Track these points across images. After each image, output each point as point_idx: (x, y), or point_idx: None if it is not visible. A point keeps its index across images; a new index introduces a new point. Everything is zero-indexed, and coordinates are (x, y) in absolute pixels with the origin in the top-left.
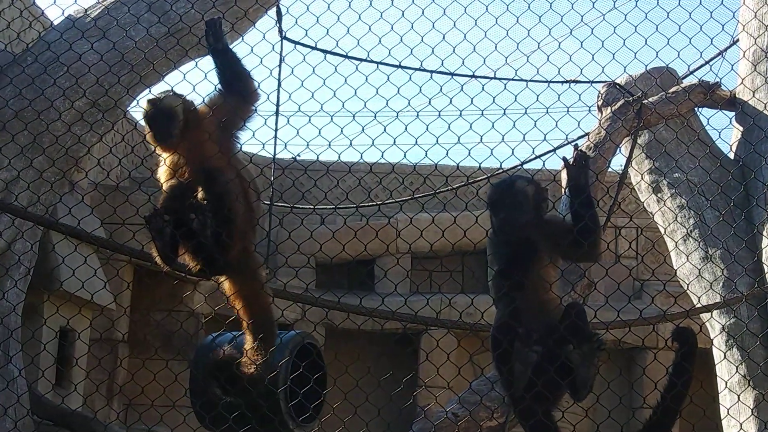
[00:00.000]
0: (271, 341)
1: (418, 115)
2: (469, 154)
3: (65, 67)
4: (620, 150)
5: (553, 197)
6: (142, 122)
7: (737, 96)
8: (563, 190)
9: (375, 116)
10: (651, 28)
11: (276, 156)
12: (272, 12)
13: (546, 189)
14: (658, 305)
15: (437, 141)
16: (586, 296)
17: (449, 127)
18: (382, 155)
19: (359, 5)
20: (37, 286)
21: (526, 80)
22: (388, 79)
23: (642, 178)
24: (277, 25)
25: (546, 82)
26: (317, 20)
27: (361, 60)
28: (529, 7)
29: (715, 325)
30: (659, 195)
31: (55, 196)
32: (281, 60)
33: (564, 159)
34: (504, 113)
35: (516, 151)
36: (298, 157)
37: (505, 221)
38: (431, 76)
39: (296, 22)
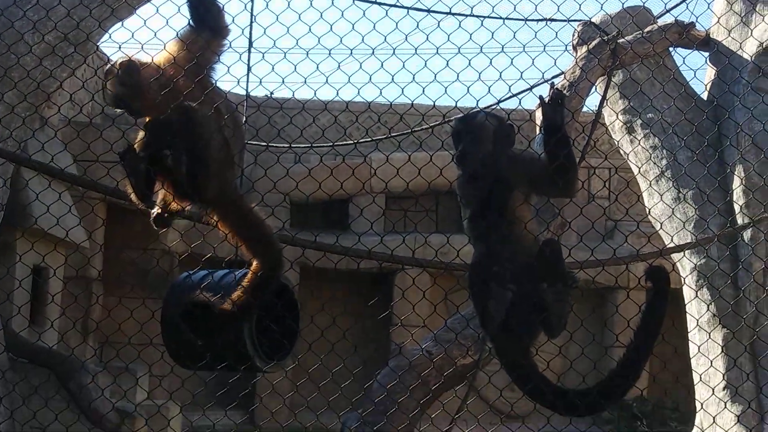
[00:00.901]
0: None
1: (394, 52)
2: (446, 92)
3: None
4: (595, 89)
5: (528, 136)
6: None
7: (712, 36)
8: (538, 128)
9: (351, 53)
10: None
11: (250, 93)
12: None
13: (511, 125)
14: (631, 245)
15: (413, 79)
16: (559, 235)
17: (426, 64)
18: (358, 92)
19: None
20: (10, 223)
21: (503, 18)
22: (364, 14)
23: (616, 118)
24: None
25: (523, 20)
26: None
27: None
28: None
29: (686, 264)
30: (633, 135)
31: (26, 132)
32: None
33: (540, 97)
34: (481, 50)
35: (492, 90)
36: (272, 95)
37: (463, 153)
38: (408, 13)
39: None
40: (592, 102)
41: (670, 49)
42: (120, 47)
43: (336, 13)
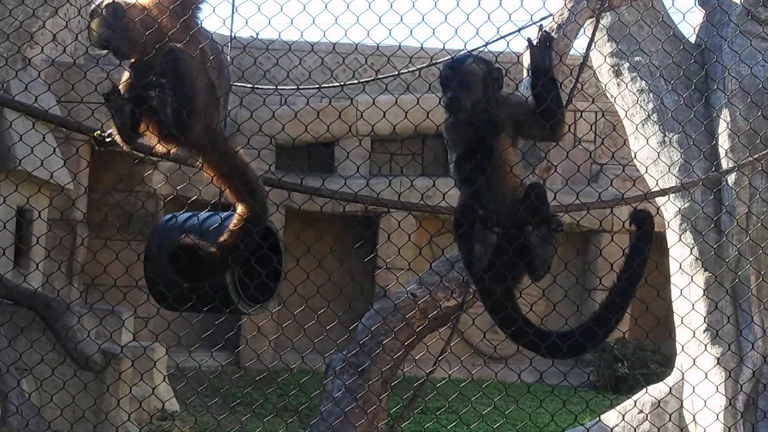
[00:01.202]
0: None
1: None
2: (433, 33)
3: None
4: (583, 31)
5: (515, 79)
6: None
7: None
8: (525, 71)
9: None
10: None
11: (235, 34)
12: None
13: (499, 69)
14: (616, 188)
15: (401, 20)
16: (545, 179)
17: (413, 5)
18: (345, 34)
19: None
20: None
21: None
22: None
23: (604, 61)
24: None
25: None
26: None
27: None
28: None
29: (670, 208)
30: (620, 78)
31: (9, 72)
32: None
33: (528, 39)
34: (479, 4)
35: (480, 32)
36: (258, 36)
37: (452, 99)
38: None
39: None
40: (580, 45)
41: None
42: None
43: None
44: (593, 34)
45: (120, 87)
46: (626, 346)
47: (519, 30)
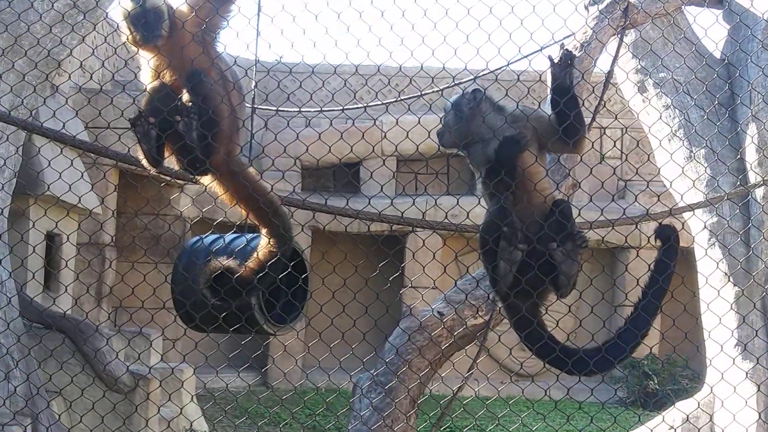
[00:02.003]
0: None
1: (404, 14)
2: (455, 53)
3: None
4: (606, 49)
5: (539, 98)
6: (123, 22)
7: None
8: (549, 89)
9: (360, 15)
10: None
11: (259, 58)
12: None
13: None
14: (642, 204)
15: (423, 41)
16: (570, 196)
17: (435, 26)
18: (368, 55)
19: None
20: (23, 190)
21: None
22: None
23: (627, 78)
24: None
25: None
26: None
27: None
28: None
29: (697, 223)
30: (645, 94)
31: (37, 100)
32: None
33: (549, 58)
34: (490, 11)
35: (502, 51)
36: (281, 60)
37: (440, 133)
38: None
39: None
40: (603, 62)
41: (682, 7)
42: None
43: None
44: (617, 52)
45: (144, 109)
46: (655, 361)
47: (541, 49)
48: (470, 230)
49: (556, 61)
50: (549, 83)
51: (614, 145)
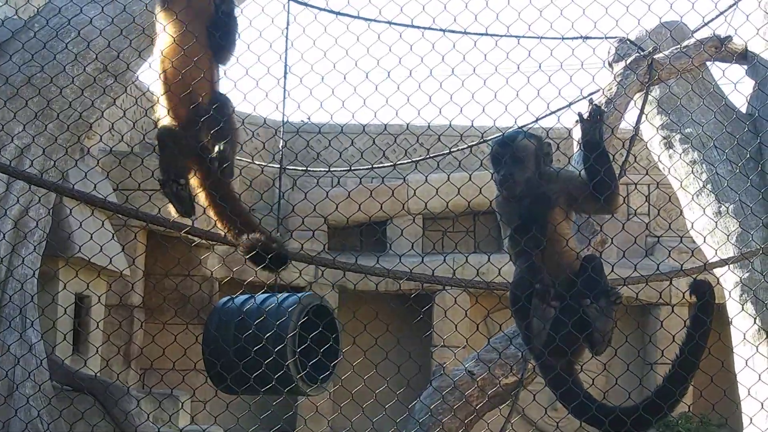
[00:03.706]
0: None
1: (431, 73)
2: (483, 111)
3: (76, 31)
4: (633, 104)
5: (566, 153)
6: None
7: (750, 49)
8: (576, 145)
9: (388, 75)
10: None
11: (288, 119)
12: None
13: (549, 143)
14: (675, 260)
15: (451, 98)
16: (601, 252)
17: (462, 84)
18: (396, 114)
19: None
20: (53, 252)
21: (539, 36)
22: (401, 37)
23: (656, 133)
24: None
25: (560, 39)
26: None
27: (371, 20)
28: None
29: (730, 278)
30: (672, 149)
31: (68, 162)
32: (288, 19)
33: (578, 114)
34: (518, 69)
35: (530, 108)
36: (309, 120)
37: (505, 177)
38: (444, 34)
39: None
40: (630, 117)
41: (708, 62)
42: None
43: (372, 37)
44: (643, 107)
45: (161, 160)
46: (690, 420)
47: (570, 104)
48: (501, 288)
49: (585, 116)
50: (578, 139)
51: (645, 201)
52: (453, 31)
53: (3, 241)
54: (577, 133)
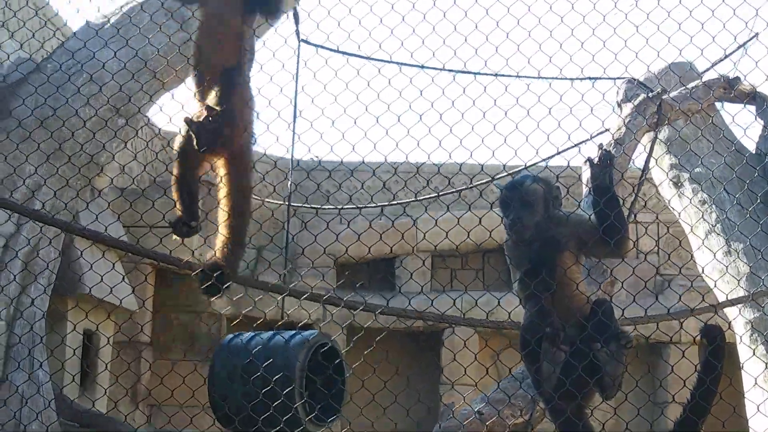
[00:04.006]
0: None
1: (441, 117)
2: (493, 155)
3: (88, 75)
4: (644, 148)
5: (573, 193)
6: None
7: (759, 90)
8: (585, 187)
9: (399, 119)
10: (671, 24)
11: (299, 159)
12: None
13: (558, 187)
14: (685, 303)
15: (461, 143)
16: (612, 295)
17: (473, 128)
18: (407, 157)
19: (380, 8)
20: (62, 292)
21: (548, 78)
22: (411, 82)
23: (666, 177)
24: (295, 28)
25: (569, 79)
26: (338, 24)
27: (383, 62)
28: (551, 8)
29: (741, 321)
30: (681, 190)
31: (80, 203)
32: (298, 63)
33: (588, 159)
34: (527, 114)
35: (539, 150)
36: (321, 160)
37: (515, 221)
38: (454, 77)
39: (317, 26)
40: (639, 158)
41: (716, 103)
42: (171, 119)
43: (383, 81)
44: (651, 149)
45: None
46: None
47: (577, 145)
48: (510, 328)
49: (594, 161)
50: (587, 183)
51: (656, 245)
52: (463, 72)
53: (13, 282)
54: (586, 176)
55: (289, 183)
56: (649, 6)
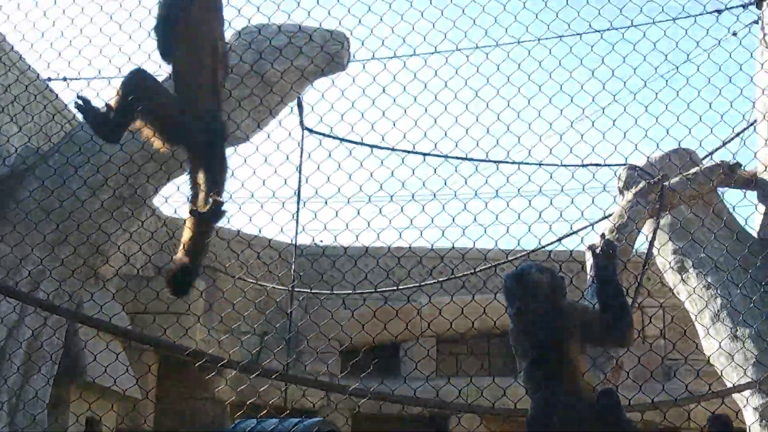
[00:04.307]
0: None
1: (444, 207)
2: (496, 244)
3: (94, 166)
4: (646, 237)
5: (569, 272)
6: None
7: (760, 175)
8: (589, 276)
9: (402, 209)
10: (670, 111)
11: (303, 247)
12: (294, 104)
13: (562, 277)
14: (690, 392)
15: (464, 232)
16: (617, 385)
17: (475, 219)
18: (410, 247)
19: (374, 90)
20: (64, 378)
21: (546, 165)
22: (403, 162)
23: (668, 259)
24: (299, 116)
25: (573, 166)
26: (341, 117)
27: (375, 146)
28: (550, 101)
29: (750, 409)
30: (685, 276)
31: (84, 292)
32: (302, 151)
33: (591, 248)
34: (529, 203)
35: (539, 234)
36: (319, 243)
37: (520, 312)
38: (456, 168)
39: (321, 119)
40: (639, 242)
41: (719, 189)
42: (176, 210)
43: (375, 162)
44: (653, 236)
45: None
46: None
47: (576, 232)
48: (516, 415)
49: (597, 250)
50: (590, 271)
51: (662, 333)
52: (456, 158)
53: (16, 372)
54: (589, 262)
55: (292, 269)
56: (649, 97)
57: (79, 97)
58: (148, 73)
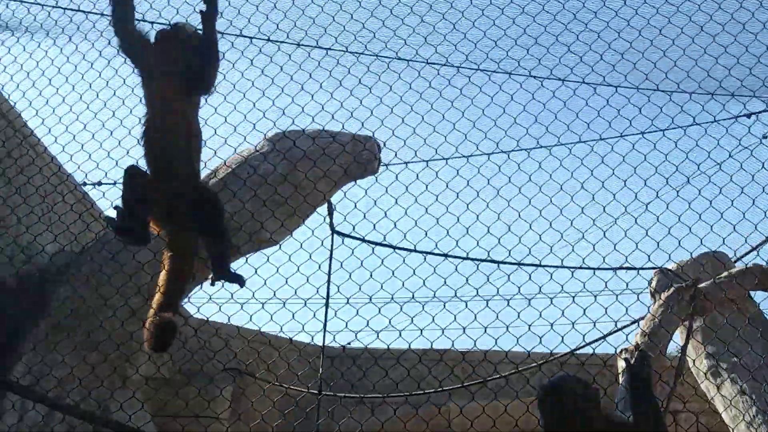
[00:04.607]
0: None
1: (467, 305)
2: (518, 342)
3: (119, 264)
4: (676, 347)
5: (601, 380)
6: None
7: None
8: (622, 385)
9: (423, 307)
10: (703, 220)
11: (325, 346)
12: (323, 208)
13: (596, 388)
14: None
15: (485, 330)
16: None
17: (497, 316)
18: (431, 344)
19: (396, 190)
20: None
21: (571, 267)
22: (435, 270)
23: (702, 363)
24: (328, 219)
25: (596, 269)
26: (364, 215)
27: (407, 250)
28: (581, 210)
29: None
30: (718, 380)
31: (106, 391)
32: (332, 252)
33: (625, 360)
34: (551, 302)
35: (565, 338)
36: (347, 346)
37: (552, 423)
38: (477, 266)
39: (344, 218)
40: (672, 348)
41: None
42: (199, 309)
43: (407, 270)
44: (686, 341)
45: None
46: None
47: (604, 337)
48: None
49: (632, 361)
50: (623, 374)
51: None
52: (487, 261)
53: None
54: (621, 366)
55: (320, 372)
56: (682, 206)
57: (114, 207)
58: (137, 168)
